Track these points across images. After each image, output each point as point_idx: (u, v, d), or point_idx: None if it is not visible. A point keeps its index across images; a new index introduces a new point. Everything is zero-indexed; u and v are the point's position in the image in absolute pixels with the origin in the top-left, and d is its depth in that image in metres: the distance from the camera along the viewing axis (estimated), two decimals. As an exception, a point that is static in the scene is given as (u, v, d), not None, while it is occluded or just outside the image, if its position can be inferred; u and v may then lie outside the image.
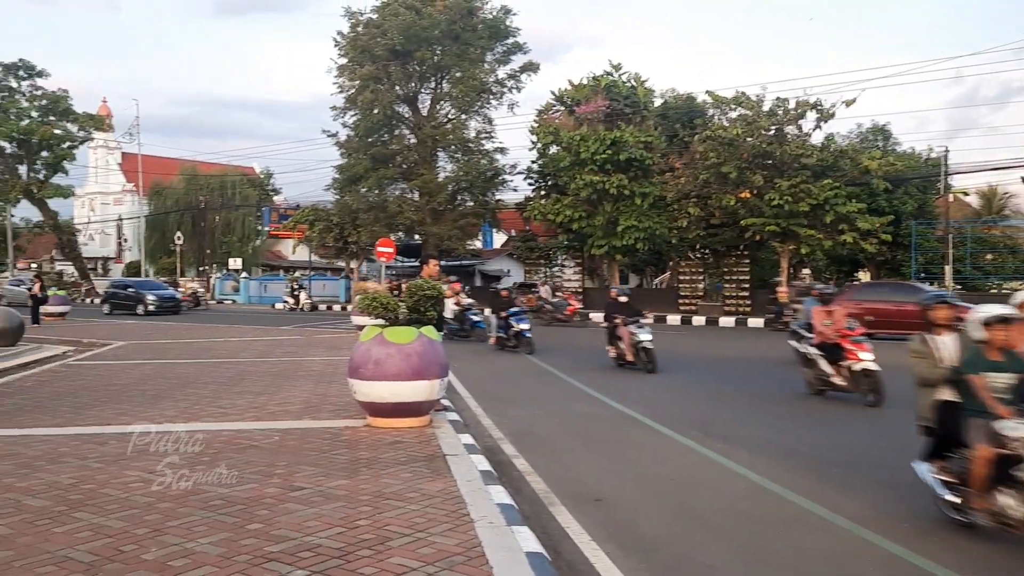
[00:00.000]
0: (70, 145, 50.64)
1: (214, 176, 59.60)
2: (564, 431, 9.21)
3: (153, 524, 5.09)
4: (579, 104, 35.22)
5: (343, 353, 13.83)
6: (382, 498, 5.71)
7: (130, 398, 10.35)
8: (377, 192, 38.25)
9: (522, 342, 17.87)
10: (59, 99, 49.27)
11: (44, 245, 65.24)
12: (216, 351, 17.03)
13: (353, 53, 36.94)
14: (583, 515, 5.90)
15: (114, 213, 69.77)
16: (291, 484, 6.06)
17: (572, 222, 32.06)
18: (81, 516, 5.25)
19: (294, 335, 22.12)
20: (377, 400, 8.22)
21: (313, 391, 11.00)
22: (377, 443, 7.59)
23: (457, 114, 39.05)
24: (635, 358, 14.24)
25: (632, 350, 14.29)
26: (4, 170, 49.82)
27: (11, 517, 5.22)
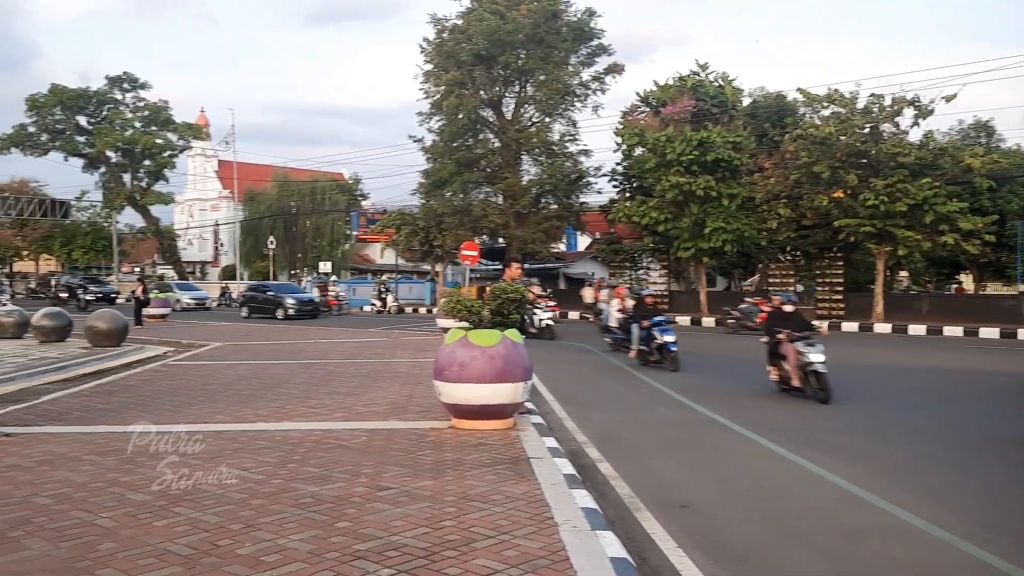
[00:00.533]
0: (170, 154, 52.81)
1: (305, 182, 61.25)
2: (649, 436, 9.11)
3: (247, 520, 5.24)
4: (665, 105, 34.84)
5: (429, 355, 14.01)
6: (466, 499, 5.75)
7: (225, 397, 10.71)
8: (462, 196, 38.65)
9: (666, 356, 14.90)
10: (160, 110, 51.46)
11: (147, 250, 68.25)
12: (307, 352, 17.47)
13: (438, 59, 37.43)
14: (669, 521, 5.82)
15: (211, 219, 72.48)
16: (378, 484, 6.16)
17: (658, 224, 31.72)
18: (180, 511, 5.45)
19: (381, 337, 22.52)
20: (461, 402, 8.28)
21: (399, 392, 11.16)
22: (462, 445, 7.65)
23: (541, 117, 39.14)
24: (802, 383, 11.51)
25: (799, 373, 11.53)
26: (110, 178, 52.29)
27: (115, 511, 5.45)
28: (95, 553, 4.61)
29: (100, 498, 5.74)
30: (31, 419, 9.00)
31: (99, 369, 14.10)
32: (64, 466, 6.70)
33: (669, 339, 14.95)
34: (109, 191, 52.70)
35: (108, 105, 51.10)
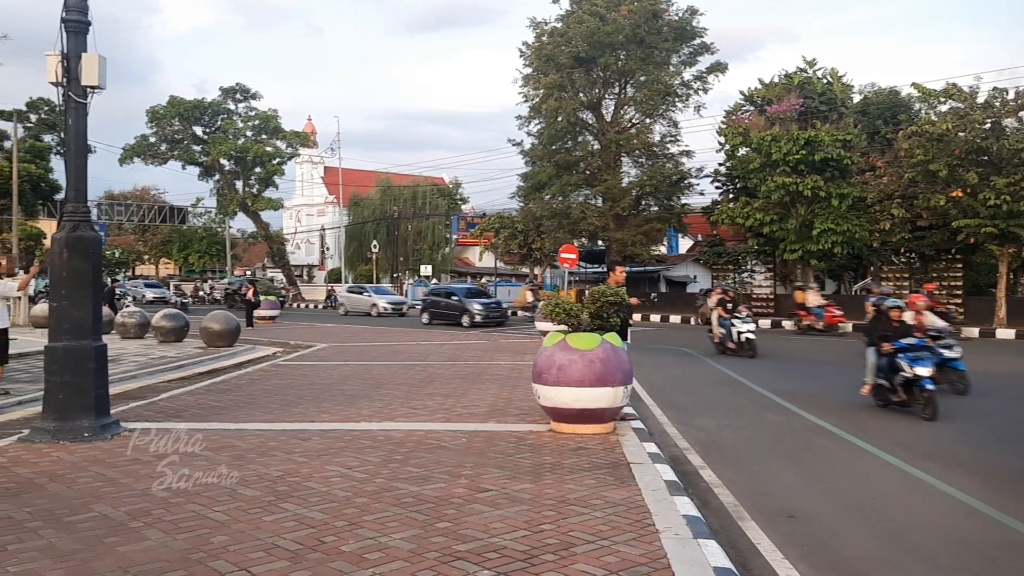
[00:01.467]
0: (279, 161, 54.69)
1: (407, 187, 62.50)
2: (753, 442, 8.86)
3: (351, 518, 5.35)
4: (770, 103, 33.93)
5: (528, 358, 14.03)
6: (566, 503, 5.71)
7: (331, 397, 10.99)
8: (561, 199, 38.60)
9: (918, 397, 10.26)
10: (270, 118, 53.38)
11: (257, 253, 70.87)
12: (408, 354, 17.77)
13: (538, 62, 37.52)
14: (775, 531, 5.63)
15: (317, 223, 74.79)
16: (478, 485, 6.19)
17: (762, 226, 30.88)
18: (287, 506, 5.61)
19: (480, 339, 22.70)
20: (560, 405, 8.25)
21: (498, 395, 11.22)
22: (561, 448, 7.61)
23: (641, 118, 38.73)
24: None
25: None
26: (224, 185, 54.55)
27: (227, 505, 5.65)
28: (208, 545, 4.79)
29: (213, 492, 5.97)
30: (151, 415, 9.45)
31: (213, 368, 14.71)
32: (180, 461, 6.99)
33: (923, 372, 10.16)
34: (223, 197, 55.03)
35: (222, 115, 53.34)
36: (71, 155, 8.16)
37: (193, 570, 4.39)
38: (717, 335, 18.22)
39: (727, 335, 17.87)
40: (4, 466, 6.79)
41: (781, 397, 11.89)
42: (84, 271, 8.01)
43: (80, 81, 7.92)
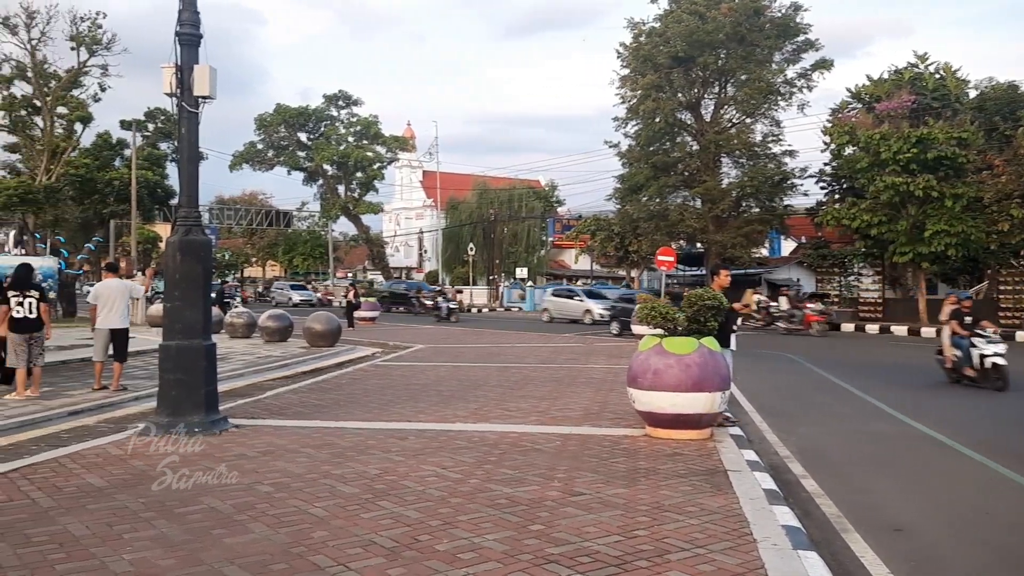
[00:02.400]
0: (380, 166, 56.00)
1: (503, 190, 62.94)
2: (858, 451, 8.54)
3: (445, 517, 5.41)
4: (879, 100, 32.68)
5: (623, 361, 13.92)
6: (660, 509, 5.63)
7: (427, 397, 11.16)
8: (658, 201, 38.17)
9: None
10: (371, 124, 54.73)
11: (358, 256, 72.61)
12: (503, 356, 17.89)
13: (635, 63, 37.23)
14: (880, 545, 5.41)
15: (416, 227, 76.12)
16: (571, 489, 6.18)
17: (870, 228, 29.75)
18: (384, 504, 5.72)
19: (576, 342, 22.65)
20: (656, 410, 8.15)
21: (593, 398, 11.16)
22: (656, 453, 7.52)
23: (742, 118, 37.94)
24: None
25: None
26: (327, 190, 56.21)
27: (326, 501, 5.81)
28: (309, 540, 4.93)
29: (314, 489, 6.14)
30: (256, 412, 9.81)
31: (315, 368, 15.15)
32: (283, 457, 7.23)
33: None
34: (326, 202, 56.69)
35: (325, 122, 54.99)
36: (183, 162, 8.56)
37: (294, 563, 4.53)
38: (950, 359, 13.73)
39: (964, 359, 13.41)
40: (122, 458, 7.15)
41: (891, 406, 11.42)
42: (196, 273, 8.37)
43: (192, 92, 8.29)
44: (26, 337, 10.70)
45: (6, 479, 6.38)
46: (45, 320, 10.94)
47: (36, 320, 10.80)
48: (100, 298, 11.39)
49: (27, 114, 36.84)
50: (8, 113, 36.31)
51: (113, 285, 11.53)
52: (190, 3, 8.34)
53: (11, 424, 8.95)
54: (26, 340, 10.70)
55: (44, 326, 10.95)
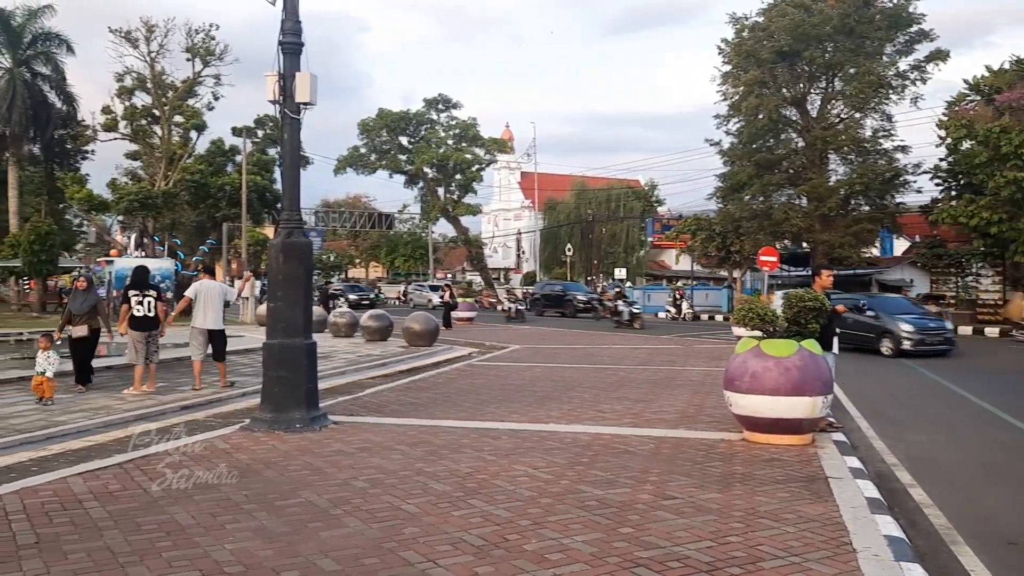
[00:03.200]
0: (478, 167, 56.52)
1: (601, 190, 62.63)
2: (971, 460, 8.11)
3: (534, 517, 5.42)
4: (999, 92, 30.96)
5: (722, 364, 13.63)
6: (755, 516, 5.49)
7: (521, 398, 11.20)
8: (762, 199, 37.23)
9: None
10: (470, 127, 55.35)
11: (457, 257, 73.51)
12: (600, 357, 17.78)
13: (737, 59, 36.43)
14: (992, 559, 5.12)
15: (514, 228, 76.57)
16: (663, 492, 6.08)
17: (990, 226, 28.19)
18: (474, 503, 5.77)
19: (674, 344, 22.32)
20: (754, 414, 7.95)
21: (690, 401, 10.98)
22: (753, 458, 7.33)
23: (850, 113, 36.56)
24: None
25: None
26: (427, 192, 57.14)
27: (419, 498, 5.90)
28: (400, 536, 5.01)
29: (407, 485, 6.24)
30: (355, 409, 10.05)
31: (413, 367, 15.42)
32: (379, 454, 7.38)
33: None
34: (426, 204, 57.64)
35: (425, 125, 55.91)
36: (286, 167, 8.85)
37: (385, 558, 4.61)
38: None
39: None
40: (227, 452, 7.45)
41: (1008, 413, 10.81)
42: (297, 274, 8.65)
43: (294, 98, 8.56)
44: (145, 335, 11.32)
45: (121, 469, 6.73)
46: (161, 319, 11.54)
47: (154, 318, 11.46)
48: (198, 297, 11.77)
49: (147, 123, 38.90)
50: (130, 122, 38.40)
51: (210, 286, 11.95)
52: (292, 13, 8.61)
53: (128, 417, 9.46)
54: (144, 338, 11.32)
55: (160, 324, 11.55)
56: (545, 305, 42.07)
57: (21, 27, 39.54)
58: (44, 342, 10.50)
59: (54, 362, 10.36)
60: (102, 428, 8.81)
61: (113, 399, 10.82)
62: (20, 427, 8.75)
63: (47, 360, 10.30)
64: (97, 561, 4.53)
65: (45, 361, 10.30)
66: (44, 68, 40.74)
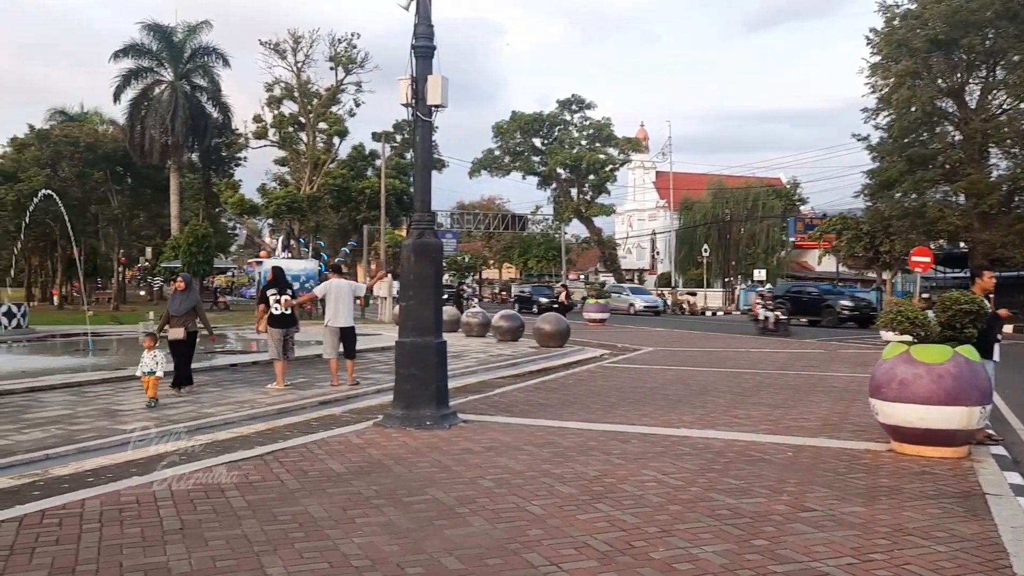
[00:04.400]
0: (612, 168, 56.22)
1: (739, 189, 60.92)
2: None
3: (662, 524, 5.25)
4: None
5: (868, 370, 12.92)
6: (903, 533, 5.12)
7: (653, 401, 10.97)
8: (914, 197, 35.16)
9: None
10: (603, 127, 55.13)
11: (590, 258, 73.28)
12: (736, 360, 17.23)
13: (887, 49, 34.55)
14: None
15: (648, 228, 75.61)
16: (801, 504, 5.78)
17: None
18: (600, 507, 5.65)
19: (816, 348, 21.38)
20: (902, 424, 7.45)
21: (832, 408, 10.44)
22: (901, 471, 6.87)
23: (1014, 103, 33.97)
24: None
25: None
26: (560, 193, 57.31)
27: (545, 499, 5.84)
28: (525, 537, 4.97)
29: (533, 486, 6.20)
30: (484, 408, 10.11)
31: (543, 367, 15.42)
32: (506, 454, 7.37)
33: None
34: (559, 205, 57.82)
35: (558, 126, 56.12)
36: (417, 169, 9.01)
37: (508, 559, 4.57)
38: None
39: None
40: (360, 447, 7.64)
41: None
42: (428, 274, 8.78)
43: (426, 101, 8.69)
44: (282, 332, 11.85)
45: (261, 461, 7.01)
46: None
47: (291, 316, 11.95)
48: (328, 296, 12.10)
49: (293, 130, 40.80)
50: (278, 130, 40.38)
51: (339, 285, 12.24)
52: (425, 17, 8.74)
53: (270, 411, 9.89)
54: (282, 335, 11.84)
55: (296, 322, 12.04)
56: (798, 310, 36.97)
57: (182, 43, 42.29)
58: (149, 341, 10.49)
59: (160, 361, 10.33)
60: (247, 421, 9.24)
61: (258, 394, 11.35)
62: (173, 418, 9.31)
63: (153, 359, 10.27)
64: (235, 549, 4.71)
65: (151, 360, 10.26)
66: (202, 80, 43.43)
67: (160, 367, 10.31)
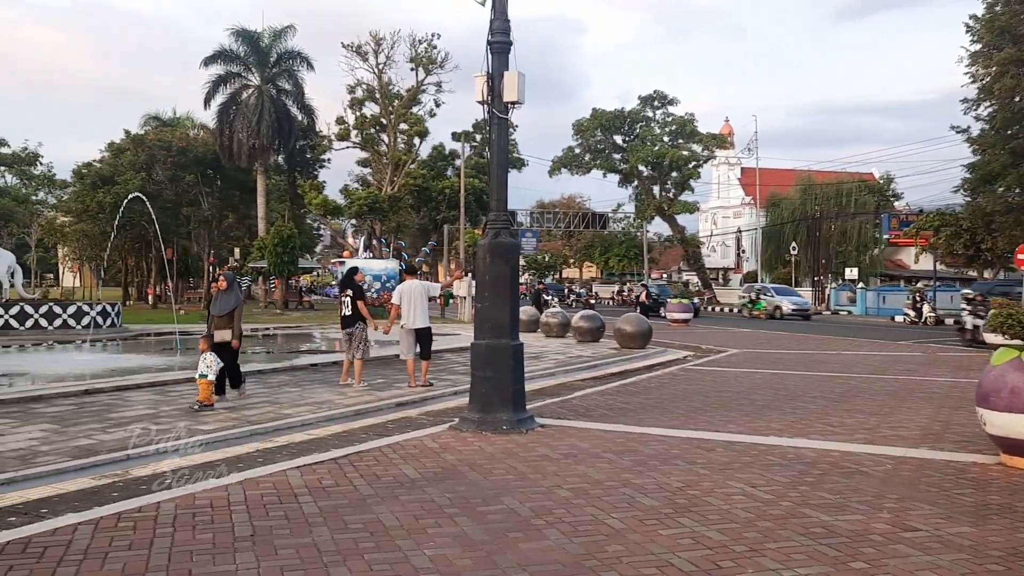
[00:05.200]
0: (695, 164, 55.15)
1: (829, 184, 58.98)
2: None
3: (751, 542, 4.91)
4: None
5: (972, 376, 12.18)
6: (1018, 558, 4.66)
7: (739, 406, 10.53)
8: (1018, 191, 33.39)
9: None
10: (686, 123, 54.12)
11: (672, 257, 72.17)
12: (827, 364, 16.53)
13: (989, 37, 32.89)
14: None
15: (733, 226, 74.03)
16: (903, 522, 5.35)
17: None
18: (684, 522, 5.34)
19: (914, 351, 20.39)
20: (1014, 435, 6.88)
21: (934, 416, 9.82)
22: (1013, 487, 6.33)
23: None
24: None
25: None
26: (641, 191, 56.54)
27: (625, 512, 5.55)
28: (603, 553, 4.70)
29: (612, 497, 5.92)
30: (562, 412, 9.86)
31: (624, 369, 15.06)
32: (585, 461, 7.11)
33: None
34: (640, 203, 57.05)
35: (640, 123, 55.36)
36: (493, 167, 8.81)
37: (585, 578, 4.33)
38: None
39: None
40: (435, 451, 7.48)
41: None
42: (504, 274, 8.57)
43: (502, 98, 8.49)
44: (347, 332, 11.94)
45: (335, 464, 6.92)
46: (365, 315, 12.04)
47: (351, 316, 12.02)
48: (402, 298, 12.04)
49: (375, 131, 41.29)
50: (360, 131, 40.94)
51: (411, 286, 12.16)
52: (501, 12, 8.55)
53: (347, 413, 9.86)
54: (347, 335, 11.94)
55: (357, 322, 12.01)
56: None
57: (268, 47, 43.29)
58: (204, 344, 10.26)
59: (211, 364, 10.02)
60: (324, 422, 9.22)
61: (336, 394, 11.36)
62: (251, 419, 9.36)
63: (204, 363, 10.02)
64: (304, 558, 4.58)
65: (203, 364, 10.03)
66: (287, 84, 44.37)
67: (212, 371, 10.00)
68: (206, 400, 9.89)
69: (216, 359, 10.08)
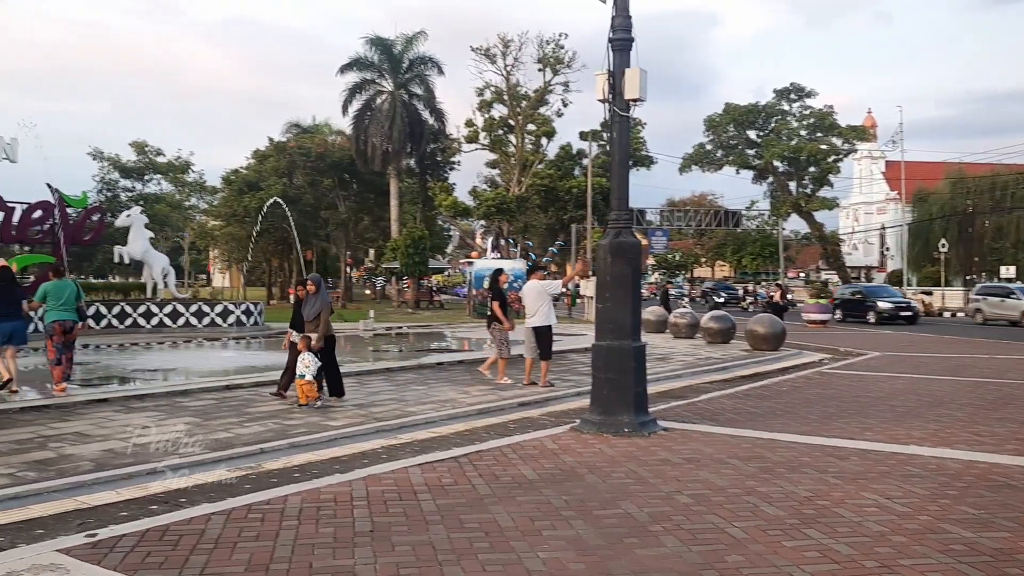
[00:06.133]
0: (835, 159, 52.88)
1: (983, 177, 55.23)
2: None
3: (883, 558, 4.63)
4: None
5: None
6: None
7: (877, 412, 9.99)
8: None
9: None
10: (825, 116, 51.99)
11: (811, 255, 69.51)
12: (976, 368, 15.46)
13: None
14: None
15: (877, 222, 70.55)
16: (1058, 544, 4.91)
17: None
18: (811, 533, 5.10)
19: (1077, 355, 18.80)
20: None
21: (1098, 427, 9.00)
22: None
23: None
24: None
25: None
26: (777, 187, 54.72)
27: (747, 521, 5.35)
28: (722, 564, 4.55)
29: (735, 505, 5.72)
30: (687, 416, 9.62)
31: (755, 372, 14.58)
32: (708, 467, 6.90)
33: None
34: (776, 199, 55.23)
35: (775, 117, 53.58)
36: (614, 165, 8.70)
37: (702, 589, 4.19)
38: None
39: None
40: (555, 452, 7.45)
41: None
42: (625, 275, 8.45)
43: (623, 95, 8.37)
44: (489, 331, 12.74)
45: (456, 463, 7.00)
46: (499, 316, 12.59)
47: (491, 316, 12.75)
48: (525, 297, 12.40)
49: (503, 133, 41.74)
50: (489, 133, 41.49)
51: (530, 286, 12.37)
52: (623, 9, 8.43)
53: (470, 412, 10.00)
54: (490, 333, 12.76)
55: (494, 322, 12.65)
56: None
57: (400, 54, 44.52)
58: (302, 344, 10.21)
59: (309, 364, 10.06)
60: (447, 420, 9.37)
61: (460, 393, 11.53)
62: (378, 415, 9.62)
63: (302, 363, 10.06)
64: (419, 556, 4.65)
65: (301, 364, 10.07)
66: (418, 89, 45.50)
67: (310, 371, 10.02)
68: (307, 402, 9.99)
69: (314, 359, 10.10)
